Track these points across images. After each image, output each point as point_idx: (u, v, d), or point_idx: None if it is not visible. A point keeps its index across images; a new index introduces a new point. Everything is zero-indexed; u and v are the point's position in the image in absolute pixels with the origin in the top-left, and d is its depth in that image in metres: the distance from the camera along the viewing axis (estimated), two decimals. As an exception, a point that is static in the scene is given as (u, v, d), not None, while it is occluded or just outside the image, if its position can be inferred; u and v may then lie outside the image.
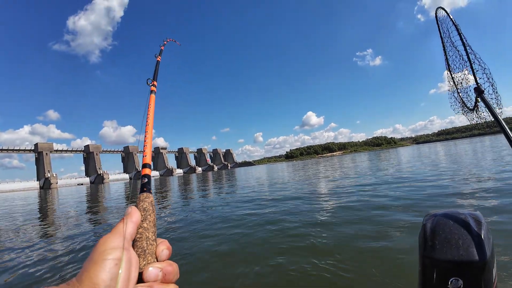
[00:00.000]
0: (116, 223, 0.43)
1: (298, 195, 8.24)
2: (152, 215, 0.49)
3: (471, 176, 8.05)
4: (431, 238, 0.85)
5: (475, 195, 5.52)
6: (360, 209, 5.46)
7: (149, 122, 0.71)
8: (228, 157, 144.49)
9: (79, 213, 10.23)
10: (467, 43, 1.56)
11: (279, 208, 6.48)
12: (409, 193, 6.47)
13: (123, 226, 0.43)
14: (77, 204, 14.73)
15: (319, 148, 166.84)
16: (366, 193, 7.35)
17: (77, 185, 78.77)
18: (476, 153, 18.06)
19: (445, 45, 1.77)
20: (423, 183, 7.73)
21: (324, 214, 5.40)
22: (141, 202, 0.50)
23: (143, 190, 0.52)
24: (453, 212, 0.91)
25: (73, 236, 5.89)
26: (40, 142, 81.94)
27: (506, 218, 3.82)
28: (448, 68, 1.82)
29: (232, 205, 7.91)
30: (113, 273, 0.37)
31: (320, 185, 10.39)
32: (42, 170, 77.72)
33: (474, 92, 1.53)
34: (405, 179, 9.19)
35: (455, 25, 1.61)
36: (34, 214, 11.65)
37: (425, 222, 0.92)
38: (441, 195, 5.91)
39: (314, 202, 6.87)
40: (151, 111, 0.73)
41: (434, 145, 73.47)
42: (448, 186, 6.81)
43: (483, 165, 10.58)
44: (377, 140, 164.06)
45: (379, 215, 4.82)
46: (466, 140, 69.41)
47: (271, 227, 4.81)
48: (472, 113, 1.69)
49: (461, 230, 0.83)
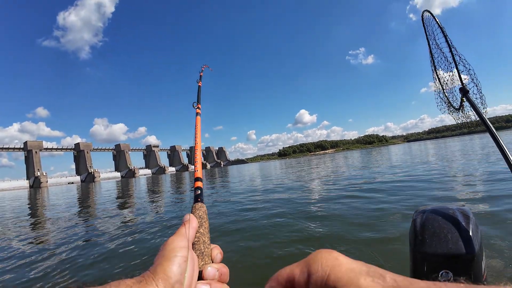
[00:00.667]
0: (178, 227, 0.50)
1: (292, 192, 8.30)
2: (206, 222, 0.56)
3: (459, 173, 8.26)
4: (421, 233, 0.88)
5: (464, 191, 5.70)
6: (353, 205, 5.52)
7: (198, 141, 0.81)
8: (221, 155, 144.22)
9: (67, 216, 10.11)
10: (452, 45, 1.60)
11: (274, 204, 6.53)
12: (400, 190, 6.58)
13: (185, 229, 0.49)
14: (67, 204, 14.53)
15: (312, 146, 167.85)
16: (357, 189, 7.44)
17: (67, 183, 77.59)
18: (464, 151, 18.46)
19: (431, 47, 1.82)
20: (413, 180, 7.86)
21: (319, 208, 5.46)
22: (196, 210, 0.57)
23: (197, 200, 0.60)
24: (442, 208, 0.94)
25: (59, 243, 5.73)
26: (30, 140, 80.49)
27: (495, 212, 3.94)
28: (434, 69, 1.87)
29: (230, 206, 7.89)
30: (182, 268, 0.42)
31: (313, 182, 10.48)
32: (31, 169, 76.25)
33: (460, 92, 1.58)
34: (396, 176, 9.32)
35: (441, 27, 1.66)
36: (21, 215, 11.44)
37: (415, 217, 0.95)
38: (430, 191, 6.05)
39: (308, 198, 6.93)
40: (198, 132, 0.84)
41: (424, 143, 74.66)
42: (437, 183, 6.97)
43: (471, 162, 10.83)
44: (369, 138, 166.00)
45: (371, 210, 4.92)
46: (456, 138, 70.77)
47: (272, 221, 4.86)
48: (458, 112, 1.74)
49: (449, 225, 0.87)
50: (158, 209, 8.68)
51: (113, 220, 7.35)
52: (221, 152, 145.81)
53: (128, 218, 7.37)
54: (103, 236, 5.47)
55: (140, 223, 6.37)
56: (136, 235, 5.26)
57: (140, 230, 5.63)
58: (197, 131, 0.83)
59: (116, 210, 9.46)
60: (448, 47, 1.61)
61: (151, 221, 6.50)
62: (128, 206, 10.40)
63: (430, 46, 1.84)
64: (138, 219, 7.03)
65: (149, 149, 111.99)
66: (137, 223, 6.43)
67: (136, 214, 7.91)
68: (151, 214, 7.52)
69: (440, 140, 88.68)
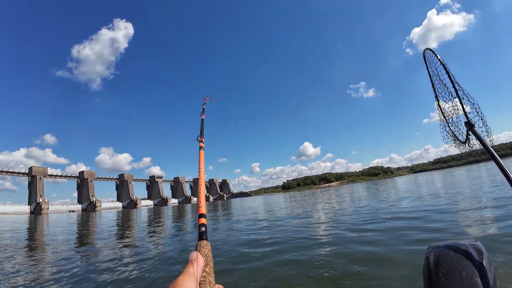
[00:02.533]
0: (185, 266, 0.50)
1: (300, 230, 8.02)
2: (211, 261, 0.55)
3: (470, 205, 8.13)
4: (435, 270, 0.86)
5: (476, 224, 5.64)
6: (362, 240, 5.34)
7: (201, 176, 0.78)
8: (224, 187, 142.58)
9: (63, 248, 9.84)
10: (455, 80, 1.64)
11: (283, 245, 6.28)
12: (410, 225, 6.37)
13: (193, 269, 0.48)
14: (64, 234, 14.21)
15: (316, 178, 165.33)
16: (367, 223, 7.25)
17: (68, 212, 76.50)
18: (472, 181, 18.20)
19: (434, 83, 1.86)
20: (424, 213, 7.66)
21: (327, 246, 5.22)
22: (202, 248, 0.56)
23: (202, 238, 0.59)
24: (455, 244, 0.92)
25: (51, 278, 5.38)
26: (35, 166, 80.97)
27: (507, 246, 3.87)
28: (438, 104, 1.90)
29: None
30: None
31: (321, 221, 10.16)
32: (34, 195, 75.87)
33: (465, 126, 1.59)
34: (404, 209, 9.10)
35: (443, 64, 1.71)
36: (18, 242, 11.16)
37: (428, 255, 0.93)
38: (442, 224, 5.93)
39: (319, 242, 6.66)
40: (202, 166, 0.82)
41: (430, 173, 73.16)
42: (448, 216, 6.82)
43: (480, 193, 10.75)
44: (374, 170, 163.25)
45: (382, 245, 4.77)
46: (463, 168, 69.43)
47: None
48: (464, 145, 1.74)
49: (463, 261, 0.84)
50: (158, 245, 8.41)
51: (111, 253, 7.11)
52: (224, 184, 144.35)
53: (127, 253, 7.12)
54: (100, 272, 5.18)
55: (138, 259, 6.11)
56: (134, 272, 5.02)
57: (138, 267, 5.36)
58: (200, 166, 0.82)
59: (114, 243, 9.19)
60: (451, 82, 1.65)
61: (150, 257, 6.23)
62: (127, 241, 10.12)
63: (433, 82, 1.88)
64: (137, 254, 6.78)
65: (152, 180, 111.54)
66: (136, 260, 6.15)
67: (135, 250, 7.61)
68: (150, 249, 7.27)
69: (447, 170, 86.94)
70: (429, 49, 1.86)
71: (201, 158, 0.85)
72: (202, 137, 0.98)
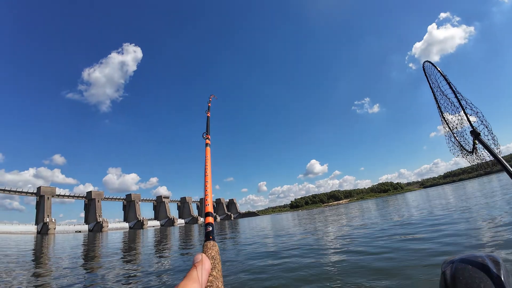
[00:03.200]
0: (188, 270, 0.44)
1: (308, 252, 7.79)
2: (219, 264, 0.49)
3: (484, 218, 7.97)
4: (452, 285, 0.83)
5: (490, 235, 5.55)
6: (376, 258, 5.18)
7: (208, 173, 0.76)
8: (231, 207, 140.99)
9: (69, 268, 9.72)
10: (457, 90, 1.63)
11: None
12: (424, 240, 6.26)
13: (197, 273, 0.43)
14: (71, 255, 14.09)
15: (325, 196, 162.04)
16: (380, 239, 7.13)
17: (74, 232, 76.30)
18: (485, 193, 17.82)
19: (436, 95, 1.85)
20: (437, 228, 7.52)
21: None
22: (209, 250, 0.50)
23: (208, 238, 0.54)
24: (471, 256, 0.90)
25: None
26: (43, 186, 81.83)
27: None
28: (441, 116, 1.88)
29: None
30: None
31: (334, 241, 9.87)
32: (41, 214, 76.22)
33: (471, 135, 1.56)
34: (417, 225, 8.91)
35: (443, 75, 1.71)
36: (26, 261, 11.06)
37: (444, 269, 0.91)
38: (457, 238, 5.82)
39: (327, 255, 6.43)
40: (208, 163, 0.80)
41: (442, 188, 71.00)
42: (462, 230, 6.67)
43: (493, 205, 10.52)
44: (384, 186, 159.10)
45: (395, 260, 4.68)
46: (475, 181, 67.27)
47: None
48: (471, 155, 1.70)
49: (480, 273, 0.82)
50: (164, 266, 8.23)
51: (115, 275, 6.99)
52: (231, 204, 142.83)
53: (132, 274, 6.97)
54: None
55: (144, 281, 5.95)
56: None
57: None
58: (207, 163, 0.79)
59: (120, 265, 9.06)
60: (453, 92, 1.64)
61: (157, 278, 6.07)
62: (132, 262, 9.97)
63: (435, 93, 1.87)
64: (141, 276, 6.62)
65: (159, 200, 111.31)
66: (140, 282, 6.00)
67: (139, 271, 7.44)
68: (157, 272, 7.11)
69: (458, 183, 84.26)
70: (428, 62, 1.87)
71: (208, 154, 0.82)
72: (208, 134, 0.96)
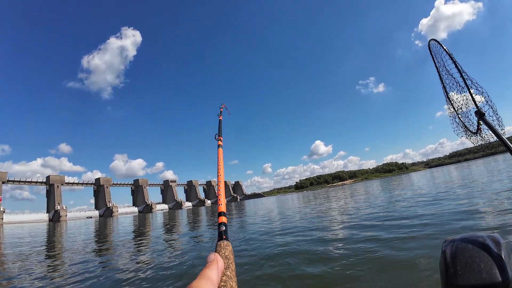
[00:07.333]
0: (201, 270, 0.43)
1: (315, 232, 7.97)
2: (233, 264, 0.49)
3: (487, 197, 8.02)
4: (452, 264, 0.84)
5: (493, 215, 5.59)
6: (378, 236, 5.23)
7: (221, 173, 0.77)
8: (238, 189, 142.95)
9: (83, 252, 10.07)
10: (462, 70, 1.59)
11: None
12: (426, 218, 6.32)
13: (211, 272, 0.42)
14: (84, 239, 14.59)
15: (329, 177, 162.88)
16: (382, 215, 7.24)
17: (86, 218, 78.49)
18: (490, 174, 17.86)
19: (441, 74, 1.81)
20: (440, 206, 7.59)
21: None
22: (222, 249, 0.50)
23: (222, 238, 0.53)
24: (471, 236, 0.91)
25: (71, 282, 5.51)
26: (52, 175, 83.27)
27: None
28: (446, 95, 1.84)
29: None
30: None
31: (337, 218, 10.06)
32: (52, 203, 78.11)
33: (475, 115, 1.54)
34: (421, 203, 8.99)
35: (449, 54, 1.66)
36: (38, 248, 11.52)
37: (444, 248, 0.92)
38: (459, 217, 5.90)
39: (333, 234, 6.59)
40: (221, 164, 0.81)
41: (447, 168, 70.67)
42: (465, 209, 6.72)
43: (497, 185, 10.56)
44: (388, 166, 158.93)
45: (397, 240, 4.75)
46: (480, 161, 66.96)
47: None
48: (475, 136, 1.68)
49: (481, 253, 0.83)
50: (176, 246, 8.48)
51: (129, 258, 7.25)
52: (237, 186, 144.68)
53: (144, 258, 7.20)
54: (119, 275, 5.30)
55: (156, 263, 6.14)
56: (151, 275, 5.07)
57: (156, 271, 5.35)
58: (219, 163, 0.80)
59: (132, 247, 9.38)
60: (459, 72, 1.60)
61: (168, 260, 6.24)
62: (144, 242, 10.31)
63: (440, 73, 1.83)
64: (154, 257, 6.85)
65: (166, 184, 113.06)
66: (153, 262, 6.20)
67: (152, 252, 7.74)
68: (168, 253, 7.33)
69: (464, 163, 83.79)
70: (434, 40, 1.81)
71: (220, 155, 0.83)
72: (221, 136, 0.98)
